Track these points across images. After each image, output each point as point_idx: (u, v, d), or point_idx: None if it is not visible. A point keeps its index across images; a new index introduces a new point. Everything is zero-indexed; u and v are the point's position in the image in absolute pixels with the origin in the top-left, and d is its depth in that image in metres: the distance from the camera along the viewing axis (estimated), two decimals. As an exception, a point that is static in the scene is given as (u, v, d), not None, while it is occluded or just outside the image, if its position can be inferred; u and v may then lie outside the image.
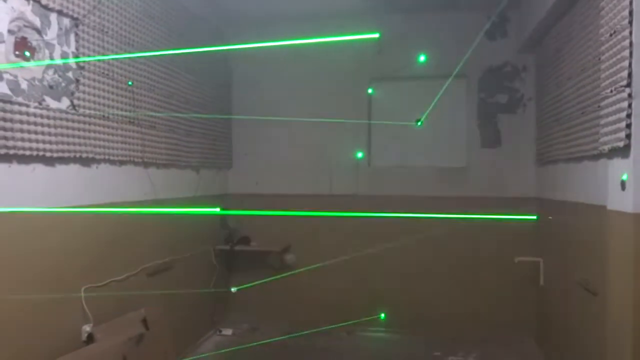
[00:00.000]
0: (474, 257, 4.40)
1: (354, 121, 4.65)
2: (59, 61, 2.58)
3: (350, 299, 4.58)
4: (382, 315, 4.52)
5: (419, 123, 4.67)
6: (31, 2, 2.41)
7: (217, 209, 4.26)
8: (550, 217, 4.04)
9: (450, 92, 4.60)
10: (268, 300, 4.72)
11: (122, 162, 3.11)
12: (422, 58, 4.54)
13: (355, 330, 4.54)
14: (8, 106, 2.25)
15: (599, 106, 2.53)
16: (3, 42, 2.26)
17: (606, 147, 2.34)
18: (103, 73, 2.92)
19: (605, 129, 2.35)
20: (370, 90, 4.72)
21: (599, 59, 2.52)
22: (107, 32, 2.96)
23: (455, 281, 4.44)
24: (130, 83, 3.17)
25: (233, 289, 4.71)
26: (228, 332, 4.47)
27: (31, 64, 2.40)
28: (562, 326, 3.44)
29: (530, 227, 4.24)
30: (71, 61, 2.66)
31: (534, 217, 4.20)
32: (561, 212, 3.49)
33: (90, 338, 2.64)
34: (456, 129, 4.59)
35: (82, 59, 2.72)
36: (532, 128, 4.33)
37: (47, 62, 2.50)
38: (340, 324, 4.53)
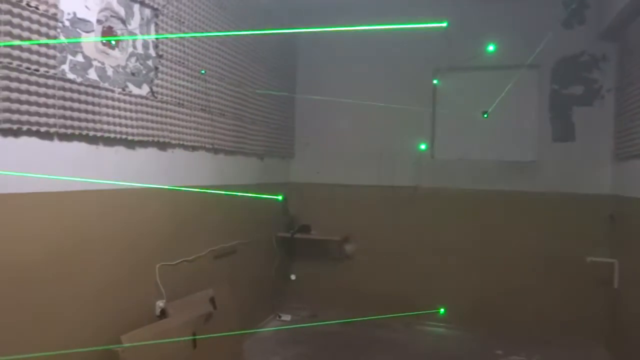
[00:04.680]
0: (541, 254, 4.22)
1: (417, 109, 4.59)
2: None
3: (409, 291, 4.53)
4: (442, 309, 4.44)
5: (485, 115, 4.54)
6: (118, -7, 2.55)
7: (280, 197, 4.34)
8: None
9: (520, 83, 4.42)
10: (327, 289, 4.76)
11: (194, 148, 3.24)
12: (490, 48, 4.39)
13: (413, 323, 4.49)
14: (96, 91, 2.40)
15: (694, 96, 2.35)
16: (92, 31, 2.41)
17: (702, 140, 2.17)
18: (179, 62, 3.04)
19: (702, 120, 2.18)
20: (435, 81, 4.62)
21: (696, 44, 2.33)
22: (183, 22, 3.08)
23: (520, 278, 4.27)
24: (203, 72, 3.29)
25: (292, 276, 4.81)
26: (287, 317, 4.56)
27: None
28: (639, 332, 3.24)
29: (605, 225, 4.01)
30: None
31: (608, 216, 3.98)
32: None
33: (164, 313, 2.78)
34: (526, 122, 4.41)
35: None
36: (610, 121, 4.08)
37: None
38: (398, 315, 4.51)
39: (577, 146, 4.22)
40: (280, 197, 4.70)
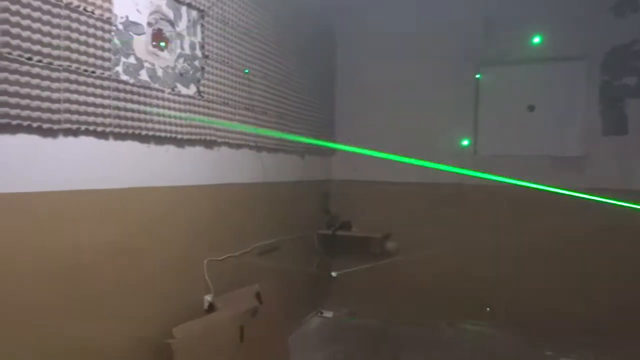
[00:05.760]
0: (593, 252, 4.07)
1: (459, 103, 4.51)
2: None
3: (452, 289, 4.45)
4: (487, 308, 4.35)
5: (532, 109, 4.42)
6: (166, -4, 2.63)
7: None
8: None
9: (567, 76, 4.30)
10: (368, 286, 4.75)
11: (239, 146, 3.30)
12: (536, 39, 4.27)
13: (457, 322, 4.42)
14: (147, 92, 2.48)
15: None
16: (144, 33, 2.49)
17: None
18: (224, 62, 3.11)
19: None
20: (478, 76, 4.53)
21: None
22: (227, 23, 3.14)
23: (570, 277, 4.13)
24: (246, 71, 3.34)
25: (334, 273, 4.83)
26: (329, 314, 4.59)
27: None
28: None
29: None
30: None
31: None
32: None
33: (211, 307, 2.85)
34: (573, 116, 4.26)
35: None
36: (667, 113, 3.89)
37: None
38: (441, 315, 4.45)
39: (630, 139, 4.04)
40: (321, 195, 4.74)
